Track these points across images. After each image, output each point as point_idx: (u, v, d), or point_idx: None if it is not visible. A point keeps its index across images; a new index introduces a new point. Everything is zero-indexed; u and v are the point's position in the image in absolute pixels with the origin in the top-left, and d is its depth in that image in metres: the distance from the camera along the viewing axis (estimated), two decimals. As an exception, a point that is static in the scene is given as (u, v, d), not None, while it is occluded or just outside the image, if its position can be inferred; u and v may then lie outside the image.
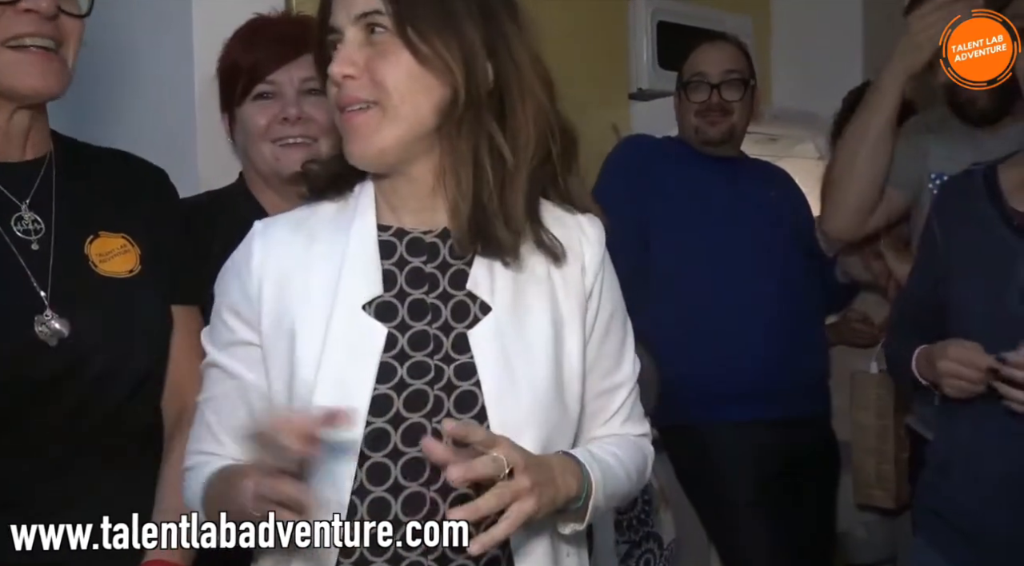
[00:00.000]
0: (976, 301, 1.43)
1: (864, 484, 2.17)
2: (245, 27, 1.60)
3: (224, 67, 1.58)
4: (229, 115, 1.59)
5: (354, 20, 1.05)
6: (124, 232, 1.24)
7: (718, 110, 2.21)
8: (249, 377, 1.08)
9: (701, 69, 2.23)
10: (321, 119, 1.52)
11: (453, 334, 1.07)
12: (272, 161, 1.53)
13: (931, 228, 1.54)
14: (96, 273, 1.20)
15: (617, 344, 1.16)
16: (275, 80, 1.53)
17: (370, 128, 1.04)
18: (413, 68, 1.04)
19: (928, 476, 1.54)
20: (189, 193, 1.59)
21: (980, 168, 1.53)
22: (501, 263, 1.09)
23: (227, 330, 1.10)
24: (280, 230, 1.11)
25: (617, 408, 1.17)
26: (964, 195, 1.51)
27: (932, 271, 1.52)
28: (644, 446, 1.20)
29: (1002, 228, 1.44)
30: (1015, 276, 1.39)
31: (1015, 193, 1.46)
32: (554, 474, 1.01)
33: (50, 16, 1.14)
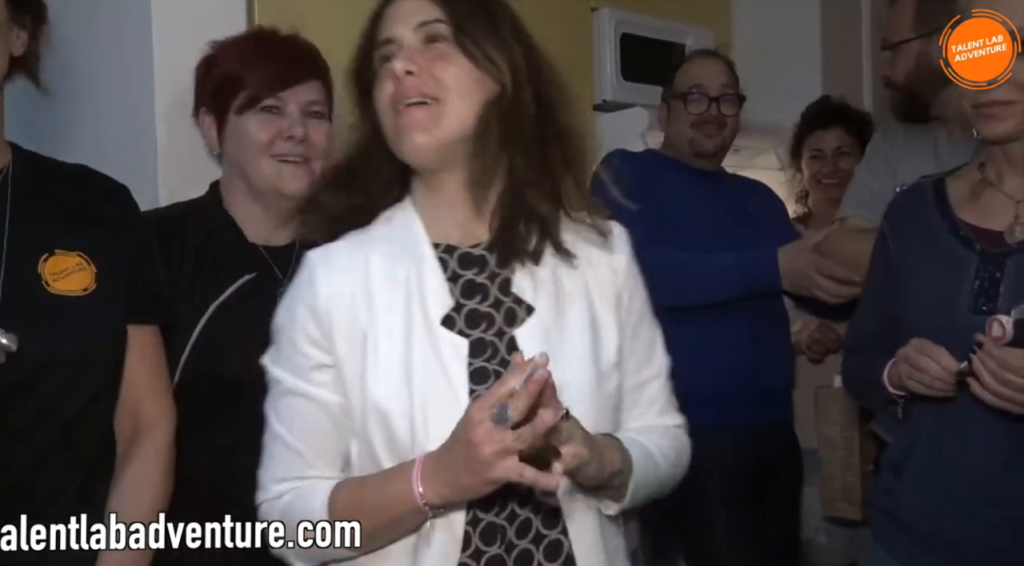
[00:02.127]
0: (927, 311, 1.45)
1: (831, 497, 2.19)
2: (247, 39, 1.61)
3: (223, 71, 1.57)
4: (218, 120, 1.58)
5: (414, 28, 1.16)
6: (81, 250, 1.23)
7: (715, 123, 2.25)
8: (333, 399, 1.15)
9: (700, 81, 2.26)
10: (319, 142, 1.56)
11: (505, 338, 1.16)
12: (273, 176, 1.54)
13: (884, 239, 1.56)
14: (47, 291, 1.19)
15: (647, 340, 1.25)
16: (282, 97, 1.55)
17: (430, 121, 1.13)
18: (469, 70, 1.15)
19: (883, 480, 1.56)
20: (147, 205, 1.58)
21: (929, 180, 1.55)
22: (540, 266, 1.18)
23: (303, 357, 1.15)
24: (340, 257, 1.18)
25: (651, 400, 1.25)
26: (914, 206, 1.53)
27: (886, 282, 1.54)
28: (679, 436, 1.27)
29: (950, 239, 1.46)
30: (964, 286, 1.41)
31: (962, 205, 1.48)
32: (600, 447, 1.09)
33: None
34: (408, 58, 1.14)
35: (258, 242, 1.57)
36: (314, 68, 1.60)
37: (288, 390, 1.16)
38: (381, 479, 1.11)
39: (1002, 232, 1.42)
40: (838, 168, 2.71)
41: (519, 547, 1.13)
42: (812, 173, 2.78)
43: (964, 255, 1.43)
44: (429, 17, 1.16)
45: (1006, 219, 1.43)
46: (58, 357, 1.17)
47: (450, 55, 1.15)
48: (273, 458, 1.17)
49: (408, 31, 1.16)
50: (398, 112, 1.14)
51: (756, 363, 2.15)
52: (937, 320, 1.43)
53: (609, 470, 1.11)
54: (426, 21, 1.16)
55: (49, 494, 1.16)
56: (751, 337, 2.15)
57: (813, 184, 2.79)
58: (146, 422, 1.29)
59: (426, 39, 1.16)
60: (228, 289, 1.48)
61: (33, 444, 1.16)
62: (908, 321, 1.48)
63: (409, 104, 1.14)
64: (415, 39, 1.16)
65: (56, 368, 1.17)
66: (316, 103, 1.57)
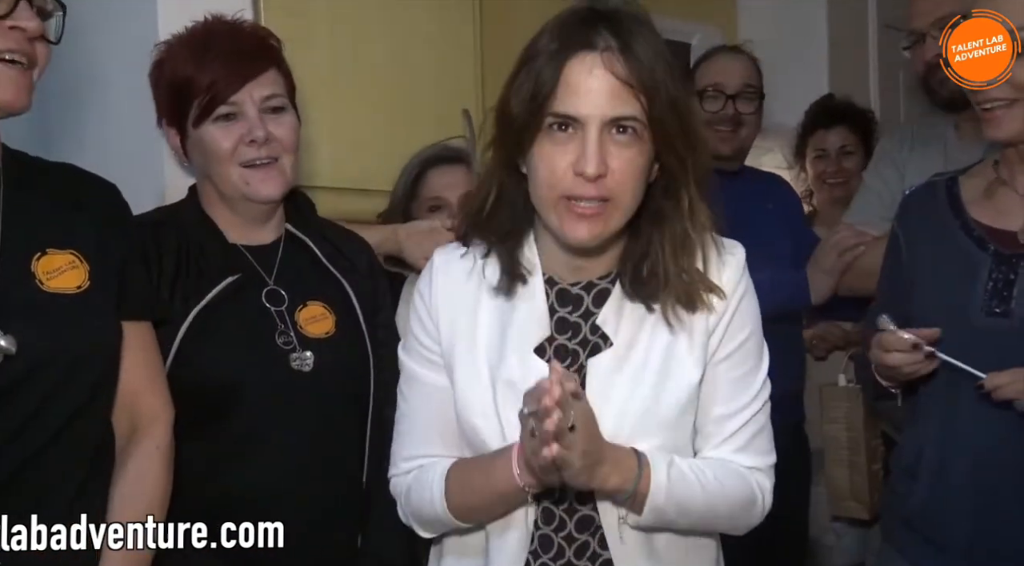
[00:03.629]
0: (940, 312, 1.44)
1: (839, 497, 2.18)
2: (192, 37, 1.51)
3: (172, 79, 1.50)
4: (179, 131, 1.52)
5: (604, 122, 1.14)
6: (73, 248, 1.23)
7: (731, 122, 2.19)
8: (444, 383, 1.26)
9: (718, 79, 2.21)
10: (284, 137, 1.50)
11: (584, 373, 1.22)
12: (241, 184, 1.48)
13: (896, 239, 1.55)
14: (42, 290, 1.19)
15: (740, 373, 1.24)
16: (236, 101, 1.47)
17: (600, 220, 1.17)
18: (644, 165, 1.17)
19: (895, 482, 1.54)
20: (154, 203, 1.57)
21: (943, 179, 1.54)
22: (643, 306, 1.21)
23: (420, 345, 1.28)
24: (458, 266, 1.28)
25: (730, 435, 1.23)
26: (927, 206, 1.52)
27: (898, 282, 1.53)
28: (749, 476, 1.24)
29: (963, 239, 1.45)
30: (977, 287, 1.40)
31: (976, 204, 1.47)
32: (603, 458, 1.14)
33: (33, 37, 1.18)
34: (601, 161, 1.14)
35: (240, 243, 1.52)
36: (266, 56, 1.51)
37: (411, 375, 1.29)
38: (486, 462, 1.21)
39: (1016, 232, 1.41)
40: (842, 167, 2.70)
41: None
42: (816, 173, 2.77)
43: (977, 255, 1.42)
44: (624, 113, 1.14)
45: (1020, 219, 1.42)
46: (54, 356, 1.16)
47: (632, 157, 1.15)
48: (401, 435, 1.31)
49: (597, 120, 1.14)
50: (565, 205, 1.16)
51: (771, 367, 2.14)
52: (949, 321, 1.42)
53: (601, 484, 1.16)
54: (620, 118, 1.14)
55: (48, 492, 1.16)
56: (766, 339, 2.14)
57: (818, 183, 2.78)
58: (145, 418, 1.29)
59: (614, 129, 1.15)
60: (211, 292, 1.45)
61: (31, 442, 1.15)
62: (919, 320, 1.46)
63: (584, 203, 1.15)
64: (602, 131, 1.14)
65: (52, 367, 1.16)
66: (274, 97, 1.49)
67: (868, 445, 2.10)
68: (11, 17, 1.15)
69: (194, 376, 1.39)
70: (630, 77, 1.13)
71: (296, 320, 1.49)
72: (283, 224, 1.58)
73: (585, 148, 1.13)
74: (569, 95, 1.14)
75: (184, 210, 1.54)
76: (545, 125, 1.16)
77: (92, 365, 1.21)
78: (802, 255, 2.20)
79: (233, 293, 1.46)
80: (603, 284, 1.24)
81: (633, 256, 1.22)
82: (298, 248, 1.56)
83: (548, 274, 1.25)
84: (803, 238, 2.30)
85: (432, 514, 1.25)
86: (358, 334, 1.52)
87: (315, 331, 1.49)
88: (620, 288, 1.23)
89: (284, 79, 1.54)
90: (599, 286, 1.24)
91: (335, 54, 2.15)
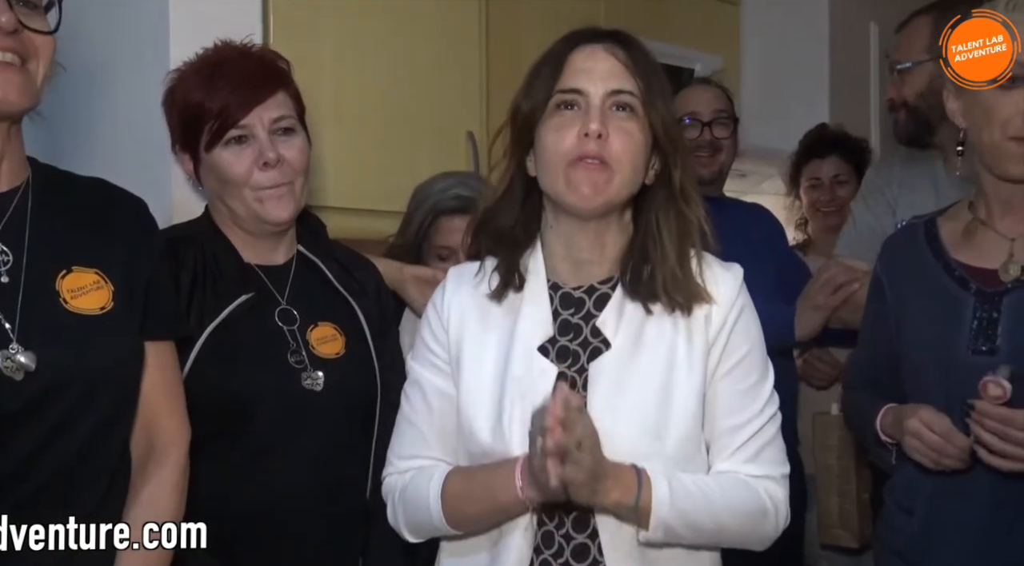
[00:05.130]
0: (927, 351, 1.45)
1: (828, 525, 2.19)
2: (203, 63, 1.54)
3: (184, 106, 1.52)
4: (192, 157, 1.55)
5: (606, 93, 1.25)
6: (98, 267, 1.22)
7: (708, 148, 2.27)
8: (450, 391, 1.31)
9: (693, 108, 2.30)
10: (294, 159, 1.52)
11: (584, 375, 1.26)
12: (255, 206, 1.51)
13: (878, 281, 1.56)
14: (65, 309, 1.18)
15: (745, 386, 1.28)
16: (247, 124, 1.50)
17: (602, 182, 1.25)
18: (641, 143, 1.26)
19: (889, 515, 1.54)
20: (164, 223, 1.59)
21: (921, 221, 1.55)
22: (641, 306, 1.27)
23: (428, 350, 1.34)
24: (469, 276, 1.35)
25: (739, 445, 1.27)
26: (907, 248, 1.53)
27: (883, 323, 1.54)
28: (758, 487, 1.26)
29: (946, 279, 1.46)
30: (962, 327, 1.41)
31: (955, 244, 1.48)
32: (604, 473, 1.18)
33: (10, 31, 1.13)
34: (602, 121, 1.24)
35: (254, 262, 1.55)
36: (275, 79, 1.54)
37: (416, 379, 1.35)
38: (488, 473, 1.25)
39: (996, 271, 1.43)
40: (836, 196, 2.73)
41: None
42: (810, 201, 2.79)
43: (960, 295, 1.44)
44: (624, 87, 1.26)
45: (1000, 257, 1.43)
46: (74, 375, 1.16)
47: (631, 130, 1.26)
48: (399, 436, 1.35)
49: (599, 92, 1.25)
50: (571, 164, 1.24)
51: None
52: (937, 360, 1.43)
53: (603, 498, 1.19)
54: (620, 91, 1.25)
55: (66, 512, 1.16)
56: None
57: (812, 212, 2.80)
58: (162, 439, 1.28)
59: (614, 105, 1.26)
60: (226, 309, 1.46)
61: (49, 462, 1.15)
62: (907, 362, 1.48)
63: (590, 162, 1.24)
64: (604, 102, 1.25)
65: (73, 386, 1.16)
66: (284, 118, 1.52)
67: (859, 474, 2.10)
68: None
69: (208, 393, 1.39)
70: (628, 60, 1.27)
71: (308, 340, 1.51)
72: (295, 245, 1.60)
73: (589, 113, 1.24)
74: (574, 74, 1.26)
75: (201, 228, 1.56)
76: (551, 106, 1.26)
77: (113, 385, 1.20)
78: (788, 281, 2.24)
79: (247, 311, 1.48)
80: (604, 289, 1.30)
81: (633, 256, 1.29)
82: (309, 269, 1.58)
83: (552, 279, 1.31)
84: (788, 263, 2.33)
85: (424, 518, 1.28)
86: (367, 355, 1.55)
87: (326, 351, 1.52)
88: (621, 290, 1.29)
89: (294, 101, 1.56)
90: (600, 290, 1.30)
91: (342, 76, 2.18)
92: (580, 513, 1.23)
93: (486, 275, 1.33)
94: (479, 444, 1.26)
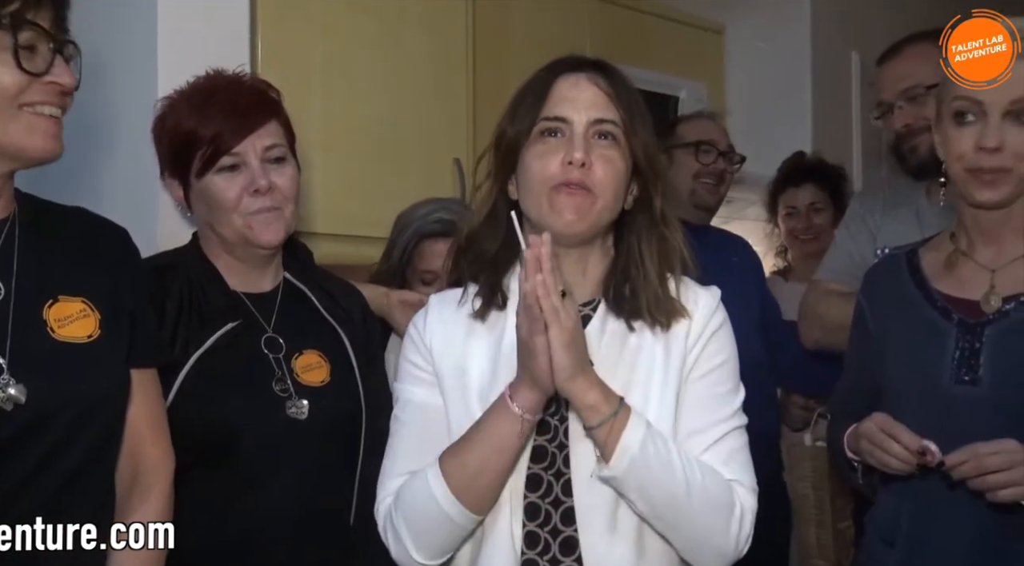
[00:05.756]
0: (910, 381, 1.46)
1: (807, 554, 2.20)
2: (195, 91, 1.55)
3: (175, 133, 1.53)
4: (182, 183, 1.55)
5: (589, 123, 1.28)
6: (84, 296, 1.23)
7: (718, 176, 2.35)
8: (437, 402, 1.31)
9: (711, 137, 2.39)
10: (285, 186, 1.53)
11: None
12: (244, 230, 1.51)
13: (861, 311, 1.57)
14: (54, 338, 1.19)
15: (719, 392, 1.30)
16: (240, 152, 1.51)
17: (585, 207, 1.27)
18: (623, 170, 1.29)
19: (871, 547, 1.54)
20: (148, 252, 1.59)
21: (903, 251, 1.57)
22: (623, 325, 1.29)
23: (414, 367, 1.35)
24: (450, 304, 1.36)
25: (709, 444, 1.27)
26: (890, 279, 1.54)
27: (865, 354, 1.55)
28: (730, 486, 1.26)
29: (928, 310, 1.47)
30: (945, 356, 1.42)
31: (938, 275, 1.49)
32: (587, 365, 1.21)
33: (68, 91, 1.21)
34: (586, 149, 1.26)
35: (241, 290, 1.55)
36: (267, 109, 1.56)
37: (404, 398, 1.35)
38: (478, 420, 1.25)
39: (978, 302, 1.44)
40: (813, 223, 2.76)
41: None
42: (788, 229, 2.82)
43: (943, 325, 1.44)
44: (606, 116, 1.29)
45: (981, 288, 1.44)
46: (64, 406, 1.17)
47: (613, 158, 1.28)
48: (391, 457, 1.34)
49: (583, 120, 1.28)
50: (557, 189, 1.27)
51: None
52: (920, 390, 1.44)
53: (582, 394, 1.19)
54: (603, 120, 1.28)
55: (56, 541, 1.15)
56: None
57: (790, 239, 2.83)
58: (146, 468, 1.29)
59: (597, 134, 1.29)
60: (212, 337, 1.46)
61: (40, 491, 1.15)
62: (890, 391, 1.48)
63: (572, 189, 1.26)
64: (587, 130, 1.28)
65: (62, 416, 1.16)
66: (275, 147, 1.53)
67: (834, 503, 2.11)
68: (49, 73, 1.17)
69: (192, 420, 1.40)
70: (611, 90, 1.30)
71: (293, 367, 1.51)
72: (282, 272, 1.60)
73: (573, 141, 1.27)
74: (558, 102, 1.29)
75: (187, 255, 1.57)
76: (535, 133, 1.29)
77: (102, 415, 1.21)
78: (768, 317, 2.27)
79: (233, 339, 1.49)
80: (586, 310, 1.31)
81: (615, 278, 1.31)
82: (296, 297, 1.59)
83: None
84: (768, 299, 2.37)
85: (430, 507, 1.23)
86: (352, 383, 1.55)
87: (311, 379, 1.52)
88: (603, 308, 1.30)
89: (284, 130, 1.58)
90: (582, 312, 1.29)
91: (330, 104, 2.19)
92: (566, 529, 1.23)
93: (468, 299, 1.34)
94: None
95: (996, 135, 1.37)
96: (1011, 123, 1.37)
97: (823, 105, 3.22)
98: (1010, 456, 1.31)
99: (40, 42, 1.16)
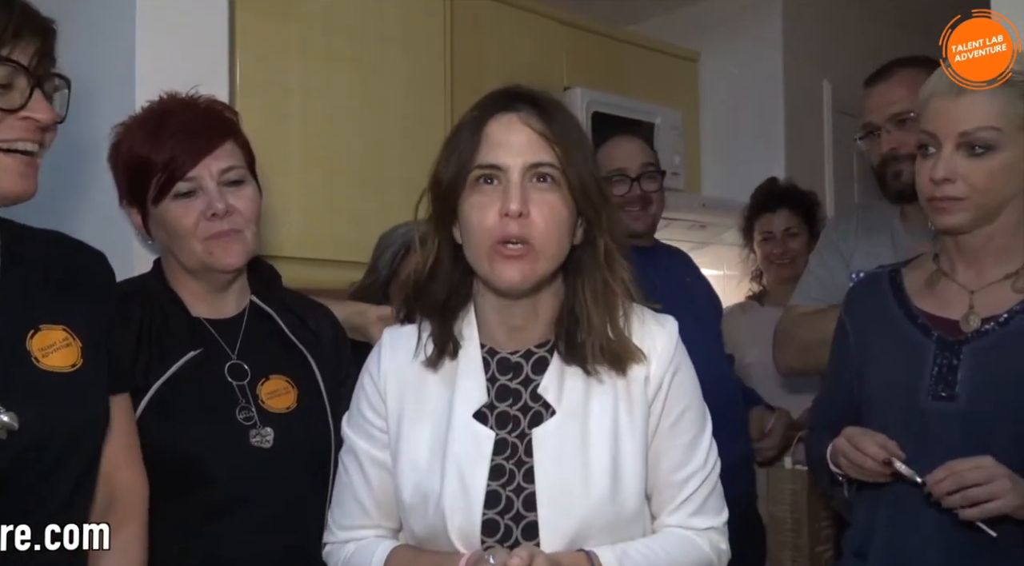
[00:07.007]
0: (890, 396, 1.48)
1: (781, 579, 2.19)
2: (148, 116, 1.52)
3: (129, 160, 1.50)
4: (140, 210, 1.52)
5: (525, 168, 1.23)
6: (65, 324, 1.22)
7: (640, 201, 2.26)
8: (384, 458, 1.30)
9: (620, 165, 2.27)
10: (244, 209, 1.50)
11: (526, 440, 1.25)
12: (204, 255, 1.48)
13: (843, 327, 1.60)
14: (38, 368, 1.18)
15: (687, 439, 1.29)
16: (195, 176, 1.47)
17: (528, 261, 1.23)
18: (564, 212, 1.24)
19: (844, 563, 1.55)
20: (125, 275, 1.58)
21: (886, 270, 1.60)
22: (580, 370, 1.26)
23: (365, 420, 1.32)
24: (404, 341, 1.32)
25: (685, 498, 1.28)
26: (872, 296, 1.57)
27: (846, 368, 1.58)
28: (701, 541, 1.29)
29: (908, 327, 1.50)
30: (923, 372, 1.45)
31: (919, 294, 1.52)
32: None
33: (46, 127, 1.18)
34: (523, 200, 1.21)
35: (204, 316, 1.52)
36: (222, 130, 1.51)
37: (351, 447, 1.33)
38: (433, 561, 1.24)
39: (958, 321, 1.47)
40: (788, 248, 2.78)
41: None
42: (764, 254, 2.84)
43: (922, 342, 1.47)
44: (542, 160, 1.23)
45: (961, 309, 1.47)
46: (54, 432, 1.16)
47: (553, 202, 1.23)
48: (341, 505, 1.34)
49: (518, 165, 1.23)
50: (495, 249, 1.23)
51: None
52: (898, 405, 1.46)
53: None
54: (539, 164, 1.23)
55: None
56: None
57: (766, 264, 2.85)
58: (121, 491, 1.28)
59: (534, 177, 1.24)
60: (172, 366, 1.43)
61: (32, 521, 1.14)
62: (869, 406, 1.51)
63: (512, 245, 1.22)
64: (524, 176, 1.23)
65: (53, 443, 1.16)
66: (232, 169, 1.49)
67: (811, 527, 2.11)
68: (26, 109, 1.15)
69: (153, 451, 1.36)
70: (546, 130, 1.24)
71: (258, 394, 1.49)
72: (247, 296, 1.58)
73: (508, 190, 1.22)
74: (491, 148, 1.24)
75: (149, 283, 1.54)
76: (471, 180, 1.24)
77: (88, 443, 1.21)
78: None
79: (195, 367, 1.46)
80: (541, 352, 1.29)
81: (565, 319, 1.28)
82: (262, 320, 1.56)
83: (488, 344, 1.30)
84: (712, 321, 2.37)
85: None
86: (320, 408, 1.52)
87: (276, 406, 1.49)
88: (558, 355, 1.28)
89: (242, 150, 1.54)
90: (537, 354, 1.29)
91: (307, 127, 2.20)
92: None
93: (422, 342, 1.31)
94: (420, 521, 1.25)
95: (945, 167, 1.41)
96: (963, 155, 1.41)
97: (795, 131, 3.27)
98: (988, 471, 1.33)
99: (17, 78, 1.14)
